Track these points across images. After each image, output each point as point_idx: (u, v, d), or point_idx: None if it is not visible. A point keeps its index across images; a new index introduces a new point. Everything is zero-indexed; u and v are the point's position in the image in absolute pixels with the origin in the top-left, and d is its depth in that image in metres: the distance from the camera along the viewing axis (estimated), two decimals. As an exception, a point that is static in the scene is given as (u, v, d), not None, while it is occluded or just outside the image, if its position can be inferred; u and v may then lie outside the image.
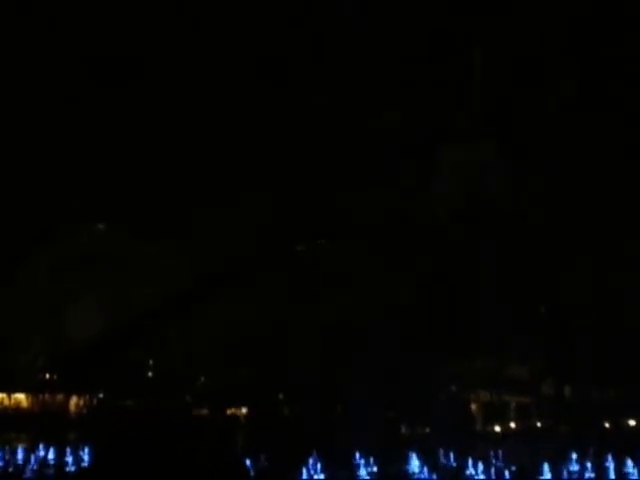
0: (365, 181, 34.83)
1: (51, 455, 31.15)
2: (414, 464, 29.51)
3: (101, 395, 33.33)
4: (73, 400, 33.61)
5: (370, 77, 36.06)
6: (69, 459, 30.95)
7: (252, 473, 27.23)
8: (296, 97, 35.70)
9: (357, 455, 29.63)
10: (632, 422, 31.89)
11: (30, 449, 31.67)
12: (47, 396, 33.69)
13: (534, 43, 35.70)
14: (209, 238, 35.24)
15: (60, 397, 33.62)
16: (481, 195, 34.55)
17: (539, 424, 31.90)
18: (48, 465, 31.11)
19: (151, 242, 35.16)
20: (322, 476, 28.83)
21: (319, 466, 28.85)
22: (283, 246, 35.15)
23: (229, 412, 33.21)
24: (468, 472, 29.32)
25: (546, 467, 28.92)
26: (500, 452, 29.56)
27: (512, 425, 31.88)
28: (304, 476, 28.46)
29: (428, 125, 35.54)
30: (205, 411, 33.09)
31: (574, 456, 29.32)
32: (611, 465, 29.03)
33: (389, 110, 35.66)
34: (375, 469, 29.39)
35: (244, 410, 33.22)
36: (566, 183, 34.24)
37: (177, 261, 35.19)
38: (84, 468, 25.60)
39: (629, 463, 28.87)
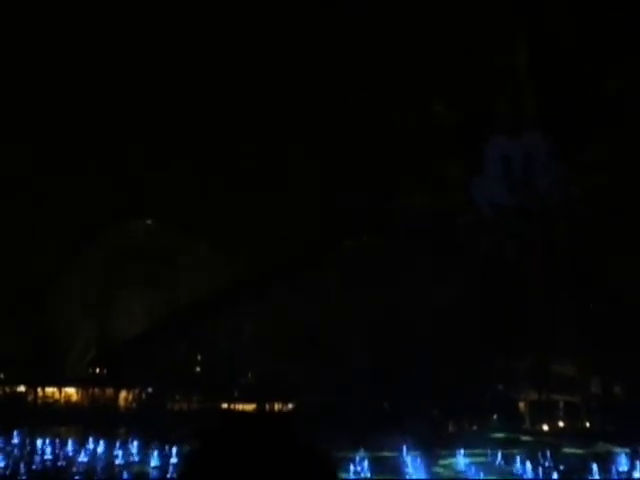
0: (412, 178, 34.63)
1: (101, 448, 31.58)
2: (461, 462, 29.38)
3: (150, 389, 33.66)
4: (122, 394, 33.97)
5: (418, 70, 35.78)
6: (118, 452, 31.41)
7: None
8: (339, 91, 35.49)
9: (404, 452, 29.54)
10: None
11: (80, 442, 32.10)
12: (96, 390, 34.07)
13: (581, 32, 35.16)
14: (257, 235, 35.35)
15: (109, 391, 33.98)
16: (528, 189, 34.15)
17: (588, 423, 31.62)
18: (98, 458, 31.52)
19: (200, 239, 35.33)
20: (369, 474, 28.71)
21: (366, 464, 28.76)
22: (331, 243, 35.11)
23: (276, 407, 33.35)
24: (516, 471, 29.10)
25: (595, 467, 28.60)
26: (548, 451, 29.33)
27: (560, 424, 31.62)
28: (351, 475, 28.35)
29: (474, 118, 35.19)
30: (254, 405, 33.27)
31: (623, 456, 29.03)
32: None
33: (435, 104, 35.36)
34: (421, 466, 29.28)
35: (290, 405, 33.31)
36: (619, 175, 33.71)
37: (225, 257, 35.33)
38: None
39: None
